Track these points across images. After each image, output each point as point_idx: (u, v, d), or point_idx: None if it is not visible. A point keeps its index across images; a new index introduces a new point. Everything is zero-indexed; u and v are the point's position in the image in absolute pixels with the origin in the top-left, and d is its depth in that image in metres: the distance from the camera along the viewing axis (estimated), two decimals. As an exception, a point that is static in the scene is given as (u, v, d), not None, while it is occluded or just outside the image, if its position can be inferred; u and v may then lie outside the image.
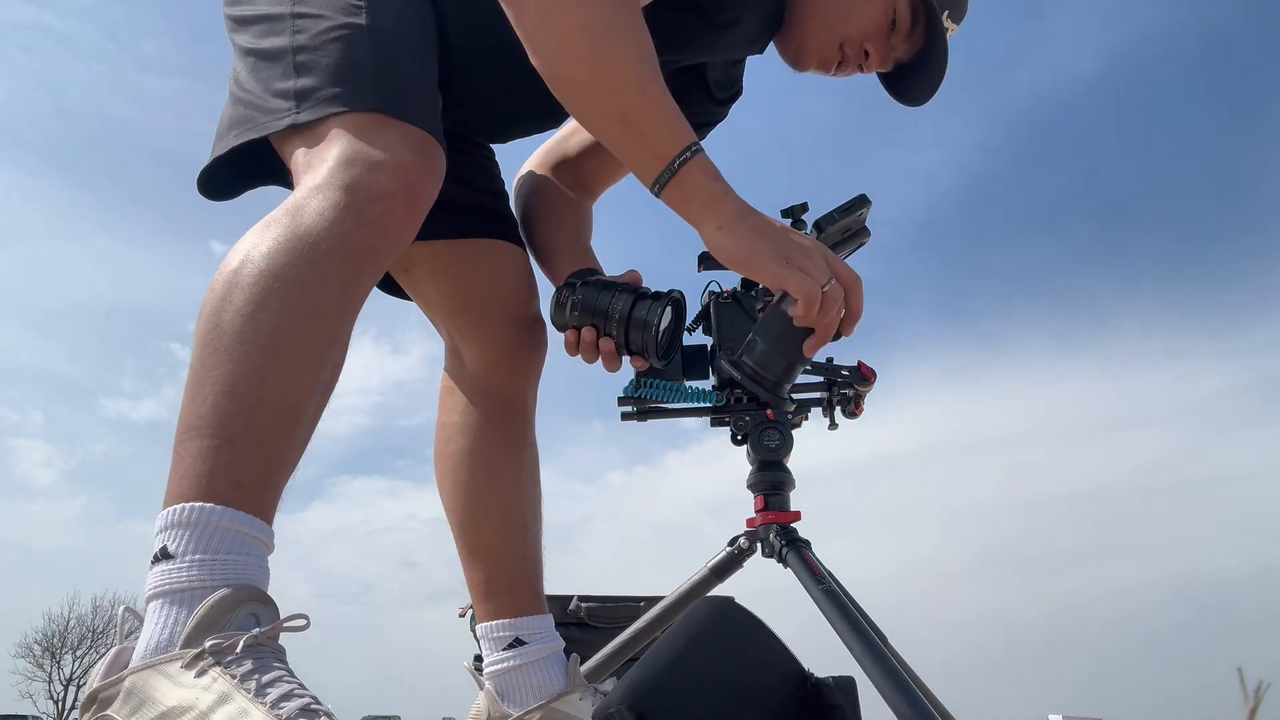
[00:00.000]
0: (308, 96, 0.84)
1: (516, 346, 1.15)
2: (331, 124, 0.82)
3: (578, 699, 1.05)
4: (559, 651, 1.09)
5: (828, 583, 1.21)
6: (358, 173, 0.78)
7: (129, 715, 0.63)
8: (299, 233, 0.74)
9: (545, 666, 1.07)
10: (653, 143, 0.88)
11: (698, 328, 1.42)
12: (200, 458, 0.68)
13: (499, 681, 1.07)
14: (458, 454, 1.14)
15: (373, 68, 0.85)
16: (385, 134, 0.81)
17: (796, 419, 1.40)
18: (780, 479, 1.35)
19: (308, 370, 0.72)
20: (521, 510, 1.13)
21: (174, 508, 0.67)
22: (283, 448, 0.71)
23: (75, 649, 25.84)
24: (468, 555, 1.12)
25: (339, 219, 0.75)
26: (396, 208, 0.79)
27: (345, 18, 0.87)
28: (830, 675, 1.09)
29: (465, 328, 1.15)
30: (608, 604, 2.46)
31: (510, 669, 1.07)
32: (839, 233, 1.37)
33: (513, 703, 1.06)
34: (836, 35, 1.15)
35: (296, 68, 0.86)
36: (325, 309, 0.74)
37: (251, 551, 0.68)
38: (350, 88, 0.83)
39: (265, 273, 0.73)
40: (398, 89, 0.85)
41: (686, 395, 1.40)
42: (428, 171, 0.82)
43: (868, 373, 1.35)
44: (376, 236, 0.77)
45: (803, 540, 1.31)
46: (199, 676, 0.62)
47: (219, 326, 0.72)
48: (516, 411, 1.16)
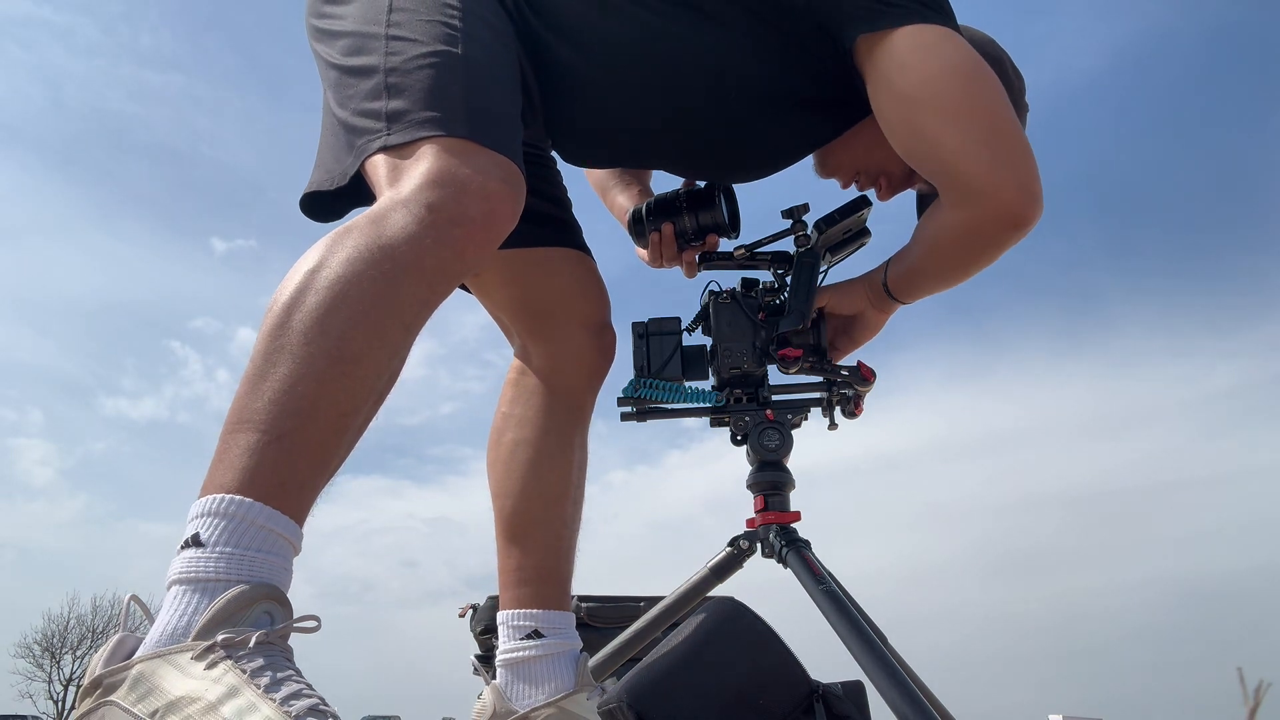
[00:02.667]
0: (399, 118, 0.86)
1: (586, 351, 1.20)
2: (421, 146, 0.84)
3: (585, 699, 1.05)
4: (574, 650, 1.10)
5: (828, 583, 1.21)
6: (444, 194, 0.80)
7: (135, 703, 0.63)
8: (380, 244, 0.76)
9: (558, 662, 1.08)
10: None
11: (697, 328, 1.42)
12: (248, 451, 0.69)
13: (511, 670, 1.08)
14: (513, 442, 1.17)
15: (464, 97, 0.87)
16: (474, 160, 0.83)
17: (796, 419, 1.41)
18: (780, 479, 1.35)
19: (366, 381, 0.74)
20: (565, 507, 1.16)
21: (213, 496, 0.68)
22: (329, 452, 0.72)
23: (75, 649, 25.86)
24: (506, 541, 1.15)
25: (420, 236, 0.77)
26: (476, 232, 0.80)
27: (441, 45, 0.89)
28: (839, 681, 1.09)
29: (537, 331, 1.20)
30: (608, 604, 2.47)
31: (523, 660, 1.07)
32: (840, 233, 1.37)
33: (521, 693, 1.06)
34: (857, 162, 1.23)
35: (389, 89, 0.88)
36: (393, 324, 0.76)
37: (279, 552, 0.69)
38: (443, 114, 0.85)
39: (341, 279, 0.74)
40: (487, 119, 0.87)
41: (686, 395, 1.40)
42: (510, 200, 0.84)
43: (867, 373, 1.35)
44: (454, 258, 0.79)
45: (803, 540, 1.31)
46: (209, 669, 0.63)
47: (288, 325, 0.73)
48: (576, 412, 1.20)
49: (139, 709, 0.63)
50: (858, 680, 1.11)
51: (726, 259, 1.40)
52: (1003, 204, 1.03)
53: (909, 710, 1.02)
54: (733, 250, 1.39)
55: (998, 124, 1.02)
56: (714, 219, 1.31)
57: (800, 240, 1.36)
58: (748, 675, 1.04)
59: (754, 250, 1.39)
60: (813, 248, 1.35)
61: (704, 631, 1.07)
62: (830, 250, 1.39)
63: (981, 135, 1.01)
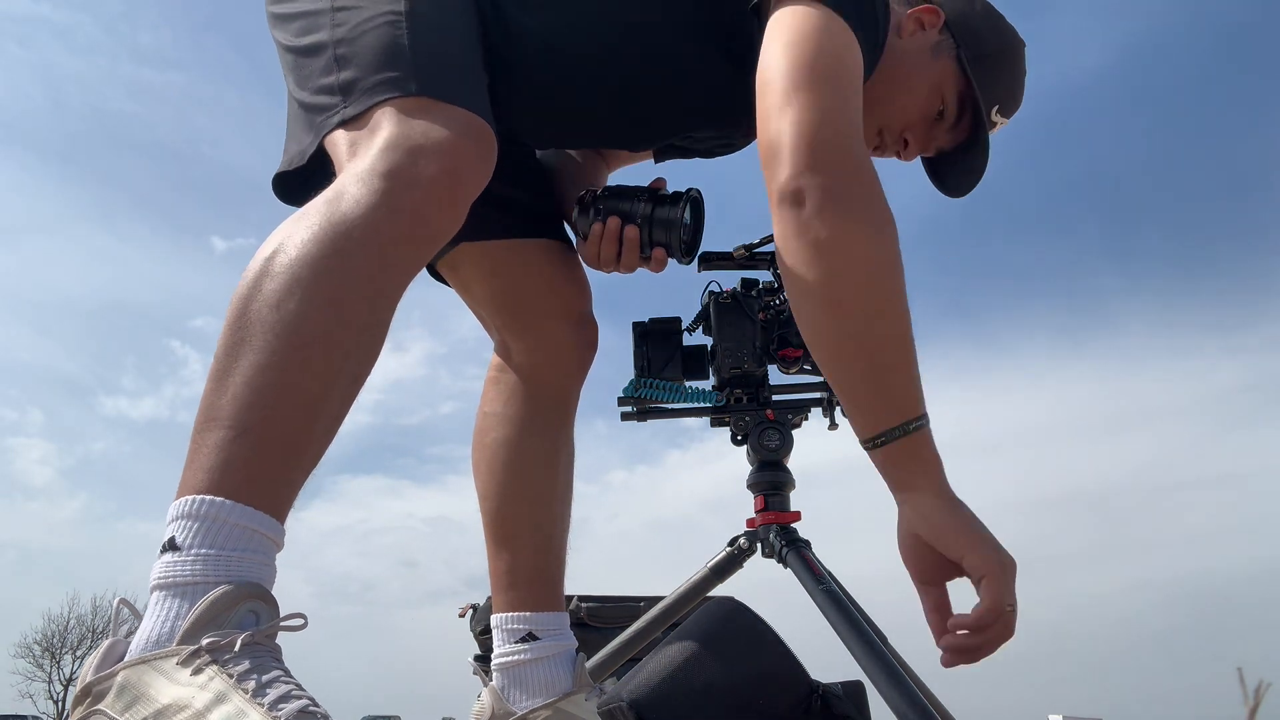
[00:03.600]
0: (351, 89, 0.84)
1: (568, 344, 1.16)
2: (375, 113, 0.81)
3: (583, 699, 1.05)
4: (570, 651, 1.10)
5: (828, 583, 1.21)
6: (398, 158, 0.77)
7: (122, 711, 0.62)
8: (333, 221, 0.74)
9: (554, 664, 1.07)
10: (896, 395, 0.85)
11: (698, 328, 1.43)
12: (215, 449, 0.67)
13: (506, 675, 1.07)
14: (496, 443, 1.15)
15: (413, 51, 0.84)
16: (429, 117, 0.80)
17: (796, 419, 1.41)
18: (780, 479, 1.35)
19: (330, 363, 0.71)
20: (552, 506, 1.14)
21: (186, 499, 0.67)
22: (300, 442, 0.70)
23: (75, 649, 25.86)
24: (495, 544, 1.13)
25: (374, 205, 0.75)
26: (438, 192, 0.78)
27: (386, 5, 0.87)
28: (839, 681, 1.09)
29: (517, 325, 1.16)
30: (608, 604, 2.47)
31: (519, 663, 1.07)
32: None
33: (518, 698, 1.06)
34: (877, 120, 1.11)
35: (338, 61, 0.86)
36: (351, 298, 0.73)
37: (259, 549, 0.68)
38: (394, 74, 0.83)
39: (295, 261, 0.72)
40: (440, 70, 0.85)
41: (686, 395, 1.40)
42: (473, 154, 0.81)
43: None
44: (411, 224, 0.76)
45: (803, 540, 1.31)
46: (195, 675, 0.62)
47: (245, 315, 0.71)
48: (560, 409, 1.17)
49: (126, 717, 0.62)
50: (858, 680, 1.11)
51: (726, 259, 1.40)
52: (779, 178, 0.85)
53: (909, 710, 1.03)
54: (732, 250, 1.39)
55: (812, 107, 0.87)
56: (668, 228, 1.09)
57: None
58: (748, 675, 1.04)
59: (754, 250, 1.39)
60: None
61: (704, 631, 1.07)
62: None
63: (784, 102, 0.87)
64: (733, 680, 1.04)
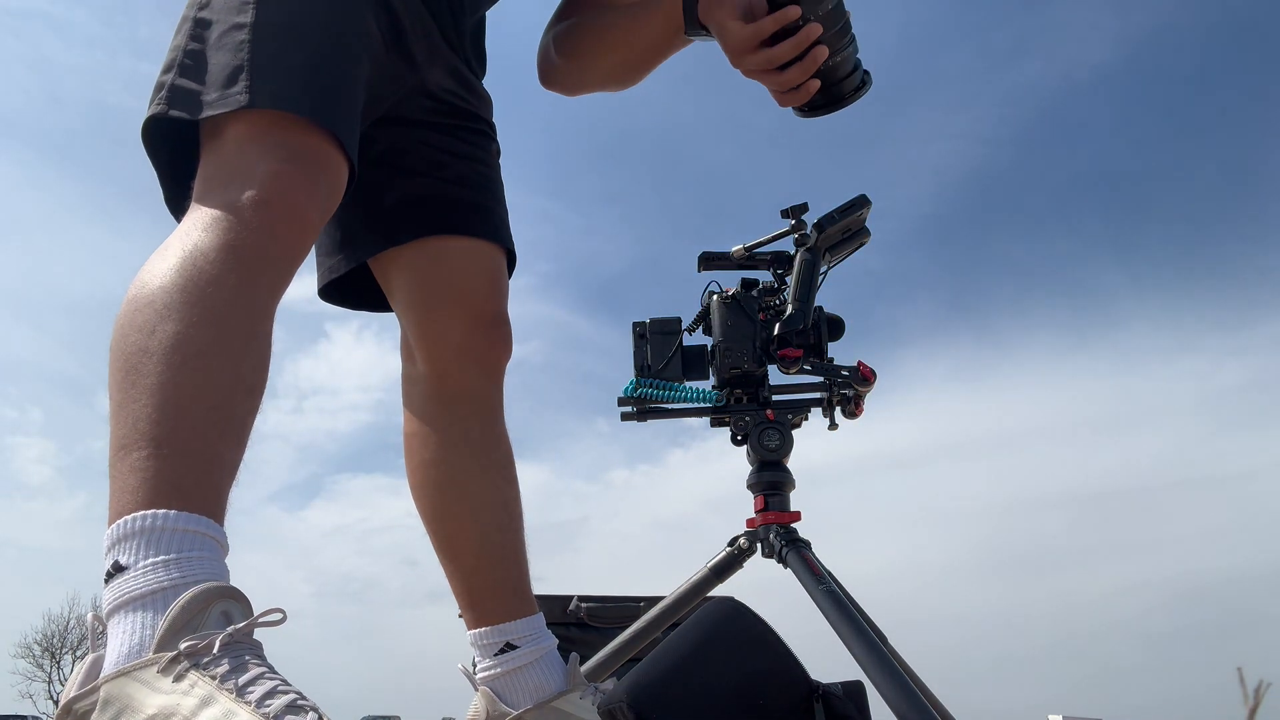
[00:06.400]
0: (183, 97, 0.84)
1: (475, 348, 1.11)
2: (222, 125, 0.82)
3: (578, 698, 1.04)
4: (552, 651, 1.08)
5: (828, 583, 1.21)
6: (236, 184, 0.78)
7: None
8: (188, 249, 0.76)
9: (540, 668, 1.06)
10: None
11: (698, 328, 1.43)
12: (133, 470, 0.67)
13: (493, 687, 1.06)
14: (424, 464, 1.12)
15: (258, 69, 0.83)
16: (265, 138, 0.82)
17: (796, 419, 1.41)
18: (780, 479, 1.35)
19: (221, 372, 0.72)
20: (495, 513, 1.10)
21: (119, 522, 0.66)
22: (215, 449, 0.70)
23: (75, 649, 25.85)
24: (448, 564, 1.10)
25: (224, 229, 0.76)
26: (276, 214, 0.79)
27: (234, 17, 0.86)
28: (839, 681, 1.09)
29: (420, 327, 1.12)
30: (608, 604, 2.46)
31: (502, 674, 1.06)
32: (839, 233, 1.37)
33: (511, 705, 1.05)
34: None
35: (182, 68, 0.86)
36: (226, 313, 0.74)
37: (206, 548, 0.67)
38: (228, 92, 0.83)
39: (161, 289, 0.73)
40: (285, 86, 0.84)
41: (686, 395, 1.40)
42: (306, 175, 0.82)
43: (867, 373, 1.35)
44: (263, 242, 0.78)
45: (803, 540, 1.31)
46: (177, 681, 0.61)
47: (125, 349, 0.72)
48: (480, 410, 1.13)
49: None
50: (858, 680, 1.11)
51: (726, 259, 1.40)
52: None
53: (909, 710, 1.03)
54: (732, 250, 1.39)
55: None
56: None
57: (800, 240, 1.36)
58: (748, 675, 1.04)
59: (754, 250, 1.39)
60: (812, 247, 1.35)
61: (704, 631, 1.07)
62: (830, 250, 1.39)
63: None
64: (733, 680, 1.04)
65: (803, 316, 1.31)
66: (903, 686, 1.05)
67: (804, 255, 1.35)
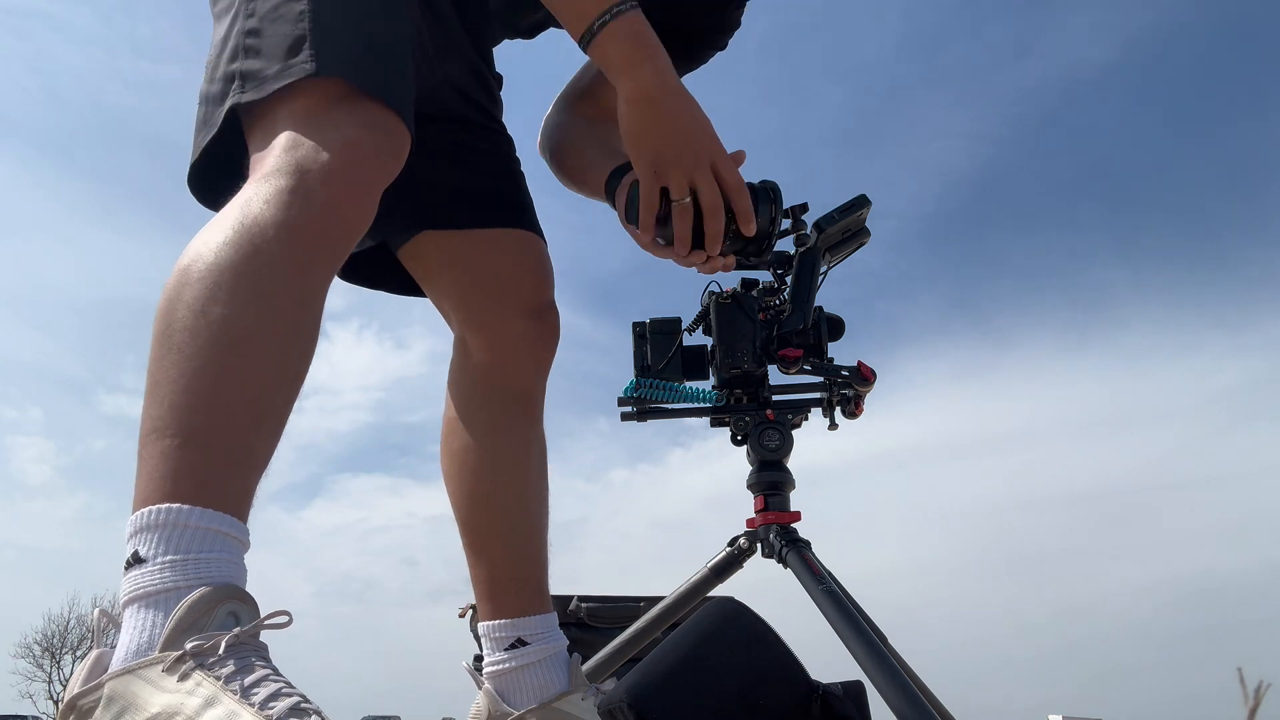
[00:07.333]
0: (251, 78, 0.82)
1: (528, 337, 1.12)
2: (277, 105, 0.80)
3: (580, 699, 1.04)
4: (562, 651, 1.08)
5: (828, 583, 1.21)
6: (302, 154, 0.76)
7: None
8: (246, 223, 0.73)
9: (547, 667, 1.06)
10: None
11: (698, 328, 1.43)
12: (163, 458, 0.66)
13: (499, 682, 1.06)
14: (463, 450, 1.12)
15: (320, 38, 0.82)
16: (332, 109, 0.80)
17: (796, 419, 1.41)
18: (780, 479, 1.35)
19: (265, 360, 0.71)
20: (527, 507, 1.11)
21: (141, 511, 0.66)
22: (247, 442, 0.70)
23: (75, 649, 25.84)
24: (472, 553, 1.11)
25: (286, 204, 0.74)
26: (344, 188, 0.77)
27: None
28: (839, 681, 1.09)
29: (475, 318, 1.13)
30: (608, 604, 2.46)
31: (511, 670, 1.06)
32: (839, 233, 1.37)
33: (513, 703, 1.05)
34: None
35: (246, 50, 0.84)
36: (277, 297, 0.73)
37: (225, 549, 0.67)
38: (292, 62, 0.81)
39: (214, 266, 0.72)
40: (348, 55, 0.83)
41: (686, 395, 1.40)
42: (377, 145, 0.80)
43: (867, 373, 1.35)
44: (326, 219, 0.76)
45: (803, 540, 1.31)
46: (181, 680, 0.61)
47: (170, 325, 0.71)
48: (525, 405, 1.13)
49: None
50: (858, 680, 1.11)
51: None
52: None
53: (909, 710, 1.02)
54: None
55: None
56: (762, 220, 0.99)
57: (800, 240, 1.36)
58: (748, 675, 1.04)
59: (754, 250, 1.39)
60: (812, 247, 1.35)
61: (704, 631, 1.07)
62: (830, 250, 1.39)
63: None
64: (733, 680, 1.04)
65: (803, 316, 1.31)
66: (903, 687, 1.05)
67: (804, 255, 1.35)
